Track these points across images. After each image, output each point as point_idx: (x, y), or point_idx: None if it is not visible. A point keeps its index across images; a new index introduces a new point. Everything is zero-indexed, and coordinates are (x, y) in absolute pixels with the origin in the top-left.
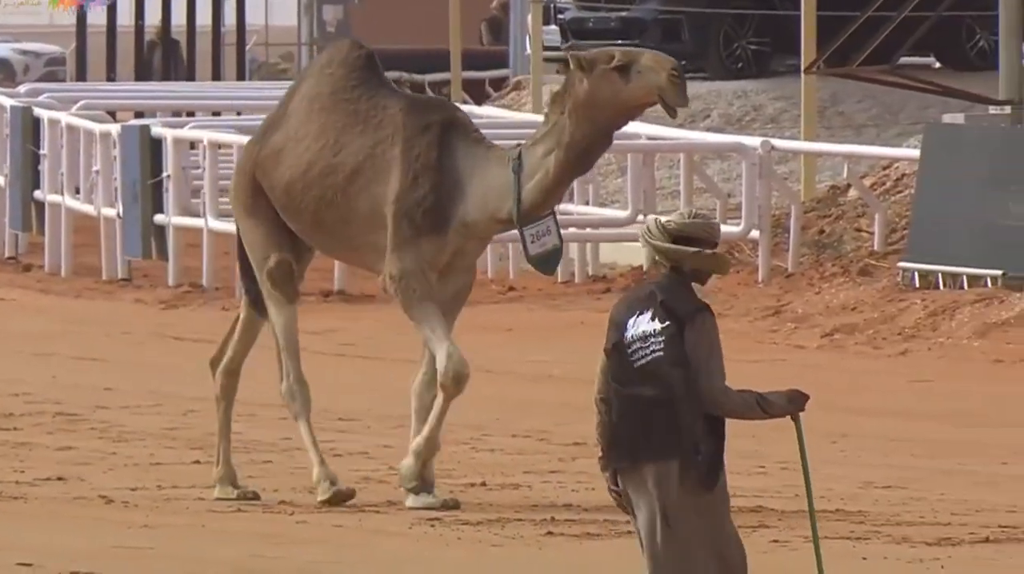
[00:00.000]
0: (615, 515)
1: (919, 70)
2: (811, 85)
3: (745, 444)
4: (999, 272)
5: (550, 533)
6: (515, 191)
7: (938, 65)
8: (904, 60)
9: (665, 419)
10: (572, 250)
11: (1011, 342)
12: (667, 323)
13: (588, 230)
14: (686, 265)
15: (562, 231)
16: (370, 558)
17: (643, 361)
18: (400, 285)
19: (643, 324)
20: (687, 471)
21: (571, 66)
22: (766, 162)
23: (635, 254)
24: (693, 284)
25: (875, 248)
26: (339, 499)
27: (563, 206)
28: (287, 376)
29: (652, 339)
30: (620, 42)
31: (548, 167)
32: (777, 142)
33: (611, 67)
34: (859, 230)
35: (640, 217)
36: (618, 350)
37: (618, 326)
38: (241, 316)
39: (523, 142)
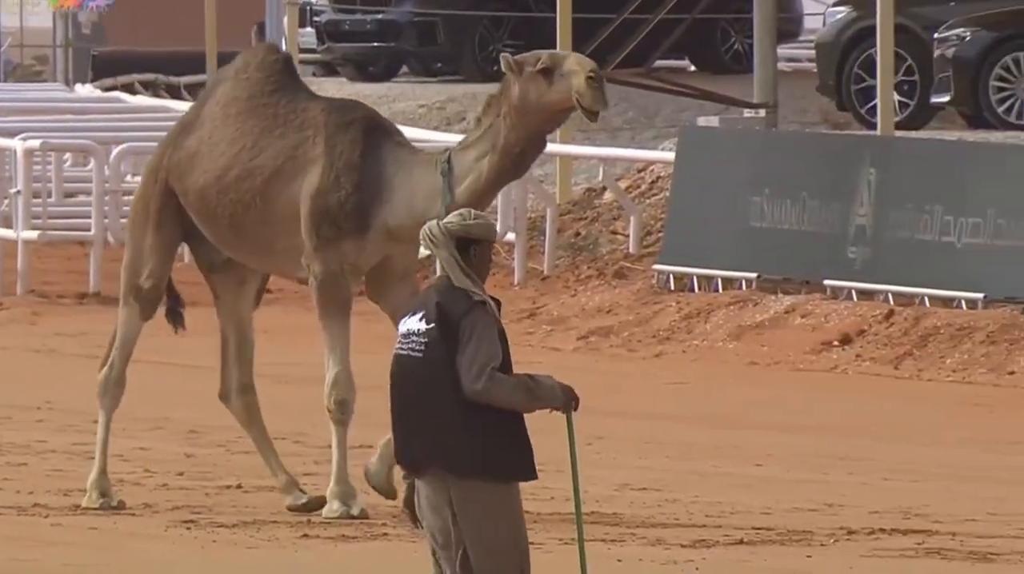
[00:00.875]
0: (370, 518)
1: (674, 73)
2: None
3: None
4: (754, 275)
5: (305, 536)
6: (444, 194)
7: (693, 68)
8: (659, 63)
9: (433, 417)
10: None
11: (765, 344)
12: (432, 324)
13: None
14: (470, 265)
15: None
16: (125, 561)
17: (405, 359)
18: (319, 285)
19: (410, 324)
20: (464, 466)
21: (503, 68)
22: None
23: None
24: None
25: (630, 251)
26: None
27: None
28: (110, 368)
29: (413, 337)
30: (376, 44)
31: (481, 170)
32: None
33: (536, 69)
34: (615, 233)
35: None
36: (395, 354)
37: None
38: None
39: (452, 146)
